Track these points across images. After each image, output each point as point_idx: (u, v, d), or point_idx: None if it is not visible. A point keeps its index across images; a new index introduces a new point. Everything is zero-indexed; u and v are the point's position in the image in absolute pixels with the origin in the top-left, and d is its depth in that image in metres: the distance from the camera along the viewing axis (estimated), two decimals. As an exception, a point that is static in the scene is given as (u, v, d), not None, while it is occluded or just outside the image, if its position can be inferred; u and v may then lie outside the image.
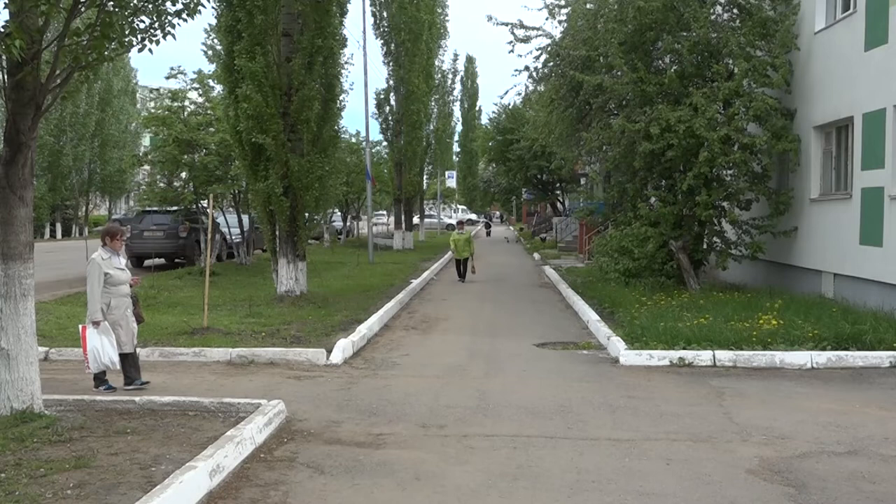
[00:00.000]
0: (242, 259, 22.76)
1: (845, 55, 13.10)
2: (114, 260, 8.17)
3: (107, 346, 7.82)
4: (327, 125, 14.93)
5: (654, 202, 15.78)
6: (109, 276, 8.00)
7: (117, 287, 8.10)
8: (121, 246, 8.38)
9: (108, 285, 7.99)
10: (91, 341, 7.79)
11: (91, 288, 7.94)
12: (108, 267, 8.04)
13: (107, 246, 8.22)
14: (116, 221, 42.41)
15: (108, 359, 7.83)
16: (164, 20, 6.52)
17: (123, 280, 8.21)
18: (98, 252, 8.15)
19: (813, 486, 5.40)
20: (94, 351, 7.77)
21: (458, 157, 70.35)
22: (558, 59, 17.29)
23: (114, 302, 8.07)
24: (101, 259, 8.02)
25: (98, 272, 7.92)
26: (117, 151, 52.13)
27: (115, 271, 8.11)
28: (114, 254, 8.22)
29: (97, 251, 8.18)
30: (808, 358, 9.44)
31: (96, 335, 7.80)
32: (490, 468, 5.76)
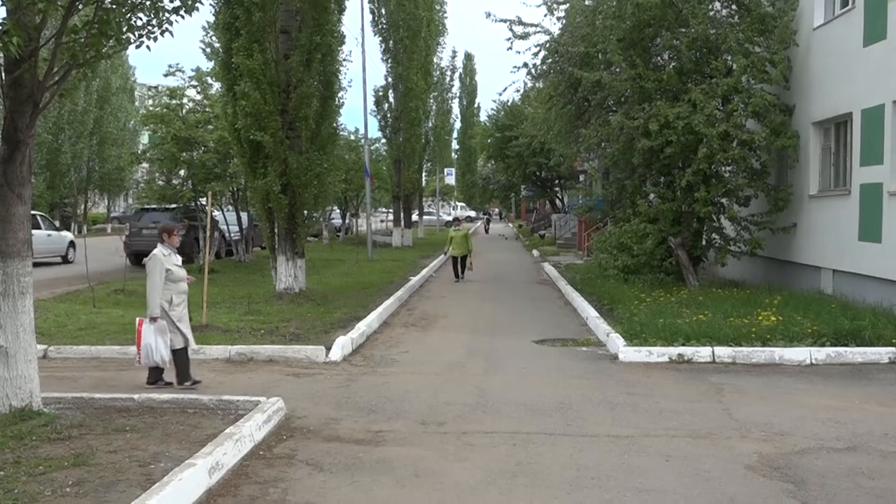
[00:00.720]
0: (241, 256, 22.76)
1: (844, 51, 13.09)
2: (172, 257, 8.18)
3: (160, 343, 7.83)
4: (326, 122, 14.93)
5: (653, 199, 15.79)
6: (171, 273, 8.03)
7: (177, 283, 8.14)
8: (178, 242, 8.38)
9: (169, 281, 8.00)
10: (146, 337, 7.80)
11: (152, 284, 7.90)
12: (169, 263, 8.05)
13: (165, 242, 8.22)
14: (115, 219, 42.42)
15: (159, 356, 7.84)
16: (161, 17, 6.50)
17: (182, 277, 8.25)
18: (158, 248, 8.14)
19: (812, 482, 5.40)
20: (148, 347, 7.78)
21: (457, 154, 70.32)
22: (557, 55, 17.26)
23: (175, 298, 8.11)
24: (162, 255, 8.01)
25: (160, 268, 7.92)
26: (116, 149, 52.03)
27: (175, 268, 8.14)
28: (172, 251, 8.23)
29: (157, 248, 8.16)
30: (808, 354, 9.45)
31: (152, 332, 7.81)
32: (489, 465, 5.77)
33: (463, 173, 70.72)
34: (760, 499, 5.12)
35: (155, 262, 7.97)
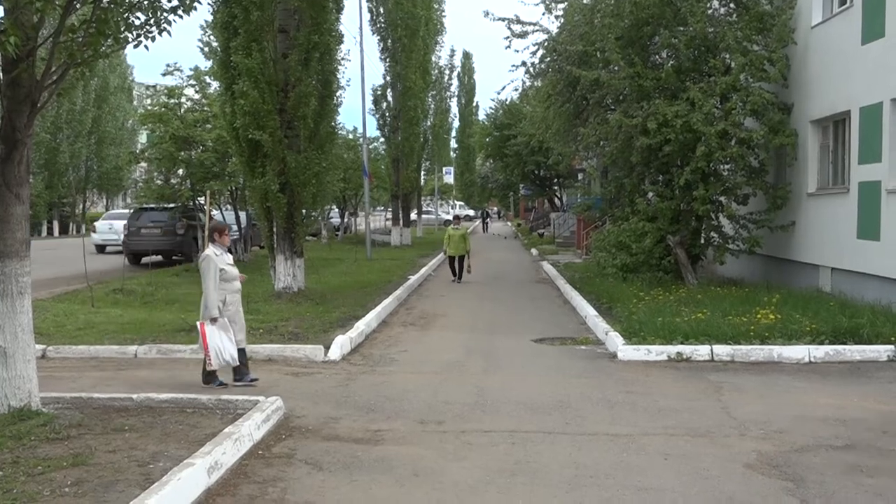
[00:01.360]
0: (240, 256, 22.72)
1: (842, 49, 13.10)
2: (224, 256, 8.12)
3: (226, 342, 7.80)
4: (324, 121, 14.91)
5: (652, 197, 15.78)
6: (224, 272, 7.97)
7: (230, 283, 8.08)
8: (228, 241, 8.33)
9: (222, 281, 7.95)
10: (212, 339, 7.75)
11: (207, 284, 7.85)
12: (222, 263, 8.00)
13: (216, 242, 8.15)
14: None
15: (228, 356, 7.82)
16: (159, 16, 6.50)
17: (235, 276, 8.18)
18: (210, 248, 8.07)
19: (811, 480, 5.41)
20: (216, 349, 7.74)
21: (456, 153, 70.30)
22: (555, 54, 17.25)
23: (229, 298, 8.05)
24: (214, 255, 7.95)
25: (214, 268, 7.86)
26: (114, 148, 52.06)
27: (228, 267, 8.09)
28: (224, 250, 8.17)
29: (209, 248, 8.09)
30: (806, 352, 9.45)
31: (216, 332, 7.77)
32: (488, 464, 5.77)
33: (461, 172, 70.68)
34: (759, 497, 5.12)
35: (209, 263, 7.90)
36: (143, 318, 11.98)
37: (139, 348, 9.92)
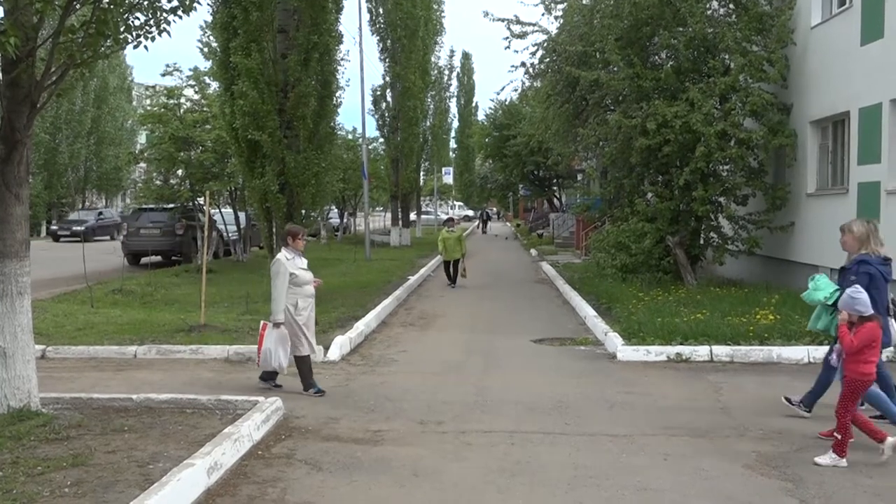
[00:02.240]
0: (239, 256, 22.75)
1: (841, 50, 13.10)
2: (297, 260, 7.98)
3: (280, 352, 7.68)
4: (323, 122, 14.91)
5: (651, 198, 15.79)
6: (295, 277, 7.81)
7: (303, 287, 7.93)
8: (303, 245, 8.19)
9: (293, 286, 7.80)
10: (267, 341, 7.67)
11: (276, 288, 7.72)
12: (294, 267, 7.85)
13: (289, 246, 8.04)
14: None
15: (277, 363, 7.71)
16: (159, 17, 6.49)
17: (308, 280, 8.03)
18: (282, 252, 7.96)
19: (810, 480, 5.41)
20: (267, 352, 7.66)
21: (455, 153, 70.24)
22: (554, 54, 17.26)
23: (301, 303, 7.91)
24: (285, 259, 7.83)
25: (284, 272, 7.72)
26: (113, 149, 52.00)
27: (301, 271, 7.92)
28: (297, 254, 8.04)
29: (281, 251, 8.00)
30: (805, 353, 9.45)
31: (274, 337, 7.67)
32: (488, 464, 5.77)
33: (461, 172, 70.62)
34: (759, 497, 5.13)
35: (279, 266, 7.77)
36: (142, 318, 11.98)
37: (138, 349, 9.92)
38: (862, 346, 5.65)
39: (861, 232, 6.51)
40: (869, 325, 5.68)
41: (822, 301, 6.64)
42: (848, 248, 6.67)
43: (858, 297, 5.70)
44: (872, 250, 6.45)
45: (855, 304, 5.69)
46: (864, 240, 6.49)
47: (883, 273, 6.32)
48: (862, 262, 6.42)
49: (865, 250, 6.46)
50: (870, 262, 6.38)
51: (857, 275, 6.33)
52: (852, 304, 5.71)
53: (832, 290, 6.58)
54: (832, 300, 6.49)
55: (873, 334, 5.69)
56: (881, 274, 6.28)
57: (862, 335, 5.65)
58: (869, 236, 6.49)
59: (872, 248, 6.45)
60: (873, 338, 5.69)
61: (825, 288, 6.65)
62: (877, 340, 5.73)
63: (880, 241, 6.53)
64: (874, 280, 6.18)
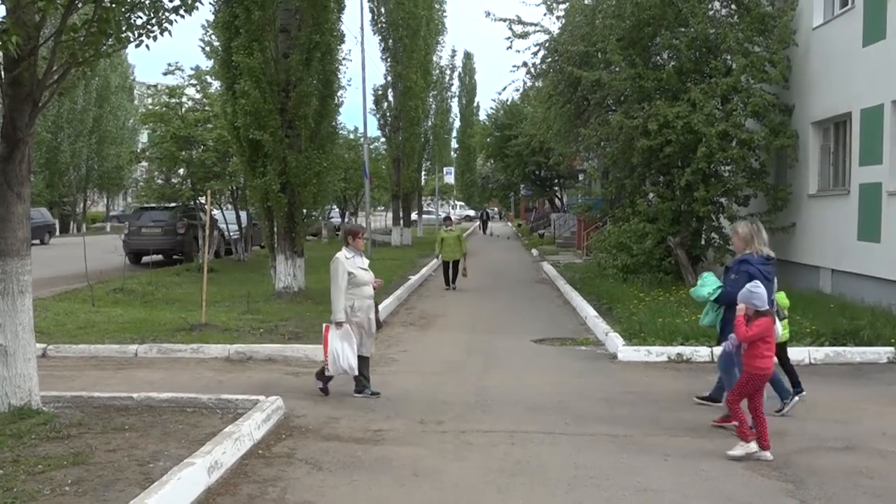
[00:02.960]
0: (240, 255, 22.75)
1: (843, 51, 13.10)
2: (357, 259, 7.81)
3: (347, 350, 7.53)
4: (325, 121, 14.91)
5: (653, 198, 15.80)
6: (353, 276, 7.65)
7: (361, 288, 7.75)
8: (363, 245, 8.04)
9: (352, 286, 7.65)
10: (332, 343, 7.53)
11: (335, 288, 7.58)
12: (352, 266, 7.68)
13: (349, 245, 7.88)
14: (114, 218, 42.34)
15: (346, 364, 7.54)
16: (161, 16, 6.50)
17: (367, 280, 7.84)
18: (342, 251, 7.81)
19: (811, 481, 5.41)
20: (334, 354, 7.51)
21: (457, 153, 70.22)
22: (556, 54, 17.27)
23: (357, 303, 7.72)
24: (344, 258, 7.67)
25: (342, 271, 7.57)
26: (115, 148, 52.02)
27: (359, 271, 7.75)
28: (357, 253, 7.86)
29: (341, 250, 7.84)
30: (806, 353, 9.45)
31: (338, 338, 7.53)
32: (488, 464, 5.77)
33: (462, 172, 70.63)
34: (759, 498, 5.12)
35: (337, 266, 7.61)
36: (143, 317, 11.99)
37: (139, 347, 9.92)
38: (756, 338, 5.85)
39: (745, 233, 6.81)
40: (763, 320, 5.89)
41: (706, 297, 6.95)
42: (735, 248, 6.99)
43: (756, 292, 5.92)
44: (756, 250, 6.72)
45: (752, 297, 5.91)
46: (749, 240, 6.78)
47: (763, 272, 6.56)
48: (743, 261, 6.72)
49: (750, 250, 6.74)
50: (750, 261, 6.65)
51: (737, 273, 6.65)
52: (750, 298, 5.92)
53: (715, 287, 6.90)
54: (714, 296, 6.86)
55: (767, 328, 5.91)
56: (761, 273, 6.53)
57: (756, 328, 5.86)
58: (753, 237, 6.78)
59: (756, 248, 6.73)
60: (767, 331, 5.91)
61: (710, 285, 6.96)
62: (771, 335, 5.96)
63: (764, 241, 6.81)
64: (753, 279, 6.40)
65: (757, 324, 5.87)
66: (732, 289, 6.44)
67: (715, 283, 6.95)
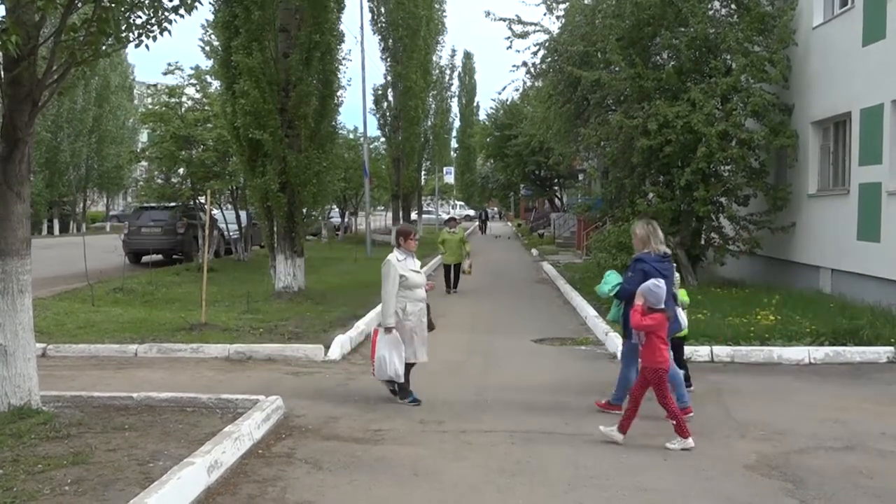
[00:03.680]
0: (240, 255, 22.75)
1: (843, 51, 13.10)
2: (409, 261, 7.63)
3: (394, 357, 7.30)
4: (325, 121, 14.90)
5: (652, 198, 15.78)
6: (405, 279, 7.46)
7: (413, 291, 7.54)
8: (415, 247, 7.80)
9: (403, 289, 7.46)
10: (379, 348, 7.35)
11: (385, 291, 7.39)
12: (404, 269, 7.48)
13: (401, 247, 7.69)
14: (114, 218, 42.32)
15: (393, 370, 7.35)
16: (161, 16, 6.49)
17: (419, 283, 7.64)
18: (393, 253, 7.62)
19: (810, 481, 5.41)
20: (381, 359, 7.32)
21: (456, 152, 70.24)
22: (556, 54, 17.27)
23: (410, 307, 7.52)
24: (396, 260, 7.48)
25: (394, 274, 7.38)
26: (115, 147, 52.02)
27: (412, 274, 7.56)
28: (409, 255, 7.67)
29: (392, 252, 7.68)
30: (806, 353, 9.45)
31: (386, 343, 7.33)
32: (488, 464, 5.77)
33: (462, 172, 70.67)
34: (759, 498, 5.12)
35: (388, 268, 7.44)
36: (143, 317, 11.99)
37: (139, 347, 9.92)
38: (649, 329, 6.14)
39: (643, 234, 7.13)
40: (658, 315, 6.20)
41: (608, 294, 7.29)
42: (634, 247, 7.31)
43: (656, 291, 6.21)
44: (653, 249, 7.04)
45: (651, 294, 6.19)
46: (646, 240, 7.09)
47: (658, 269, 6.84)
48: (638, 259, 7.06)
49: (647, 249, 7.06)
50: (644, 259, 6.98)
51: (633, 271, 6.98)
52: (649, 293, 6.20)
53: (614, 284, 7.22)
54: (613, 292, 7.20)
55: (661, 323, 6.21)
56: (655, 269, 6.81)
57: (650, 320, 6.16)
58: (649, 237, 7.10)
59: (653, 247, 7.05)
60: (661, 327, 6.20)
61: (611, 282, 7.29)
62: (664, 330, 6.23)
63: (660, 240, 7.15)
64: (648, 276, 6.67)
65: (652, 317, 6.16)
66: (628, 285, 6.81)
67: (615, 281, 7.25)
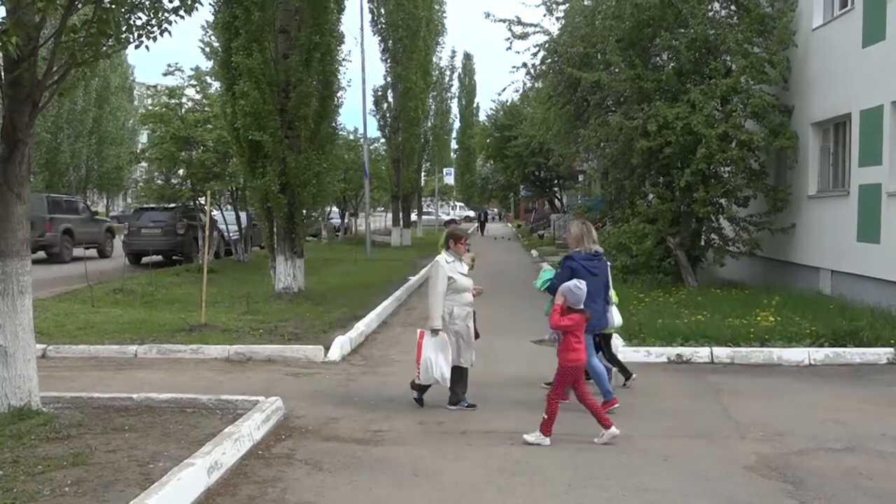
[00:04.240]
0: (240, 256, 22.75)
1: (843, 52, 13.11)
2: (457, 264, 7.51)
3: (441, 359, 7.16)
4: (325, 122, 14.90)
5: (652, 199, 15.79)
6: (453, 282, 7.34)
7: (460, 294, 7.44)
8: (465, 250, 7.70)
9: (451, 292, 7.34)
10: (425, 351, 7.22)
11: (433, 293, 7.30)
12: (452, 271, 7.36)
13: (450, 249, 7.57)
14: (114, 219, 42.37)
15: (439, 373, 7.21)
16: (161, 17, 6.50)
17: (467, 286, 7.53)
18: (442, 255, 7.52)
19: (810, 482, 5.41)
20: (427, 362, 7.18)
21: (456, 153, 70.31)
22: (556, 55, 17.29)
23: (457, 310, 7.40)
24: (445, 262, 7.38)
25: (442, 276, 7.26)
26: (115, 148, 52.00)
27: (460, 276, 7.44)
28: (457, 258, 7.57)
29: (441, 254, 7.61)
30: (806, 354, 9.45)
31: (432, 346, 7.20)
32: (488, 464, 5.77)
33: (462, 173, 70.72)
34: (759, 499, 5.13)
35: (437, 270, 7.33)
36: (143, 317, 11.98)
37: (139, 348, 9.92)
38: (566, 329, 6.29)
39: (577, 233, 7.49)
40: (577, 315, 6.35)
41: (539, 288, 7.64)
42: (569, 245, 7.68)
43: (577, 293, 6.36)
44: (585, 247, 7.40)
45: (571, 294, 6.35)
46: (580, 239, 7.44)
47: (586, 267, 7.24)
48: (567, 258, 7.39)
49: (580, 248, 7.41)
50: (574, 258, 7.33)
51: (562, 269, 7.29)
52: (569, 294, 6.36)
53: (545, 280, 7.54)
54: (543, 287, 7.51)
55: (579, 324, 6.36)
56: (584, 268, 7.20)
57: (569, 320, 6.31)
58: (583, 236, 7.46)
59: (585, 246, 7.41)
60: (578, 327, 6.36)
61: (543, 278, 7.62)
62: (581, 330, 6.40)
63: (593, 240, 7.54)
64: (576, 273, 7.01)
65: (570, 317, 6.31)
66: (557, 281, 7.03)
67: (547, 276, 7.56)
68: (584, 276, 6.92)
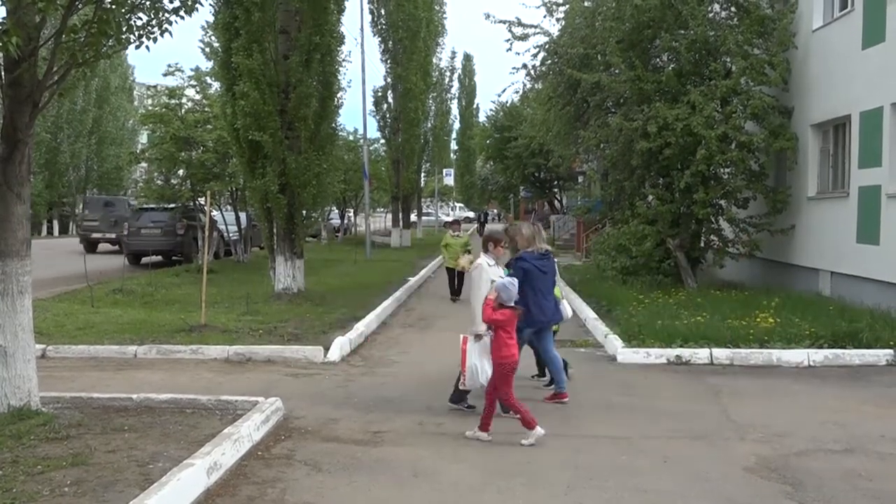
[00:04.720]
0: (240, 256, 22.75)
1: (843, 53, 13.11)
2: (496, 267, 7.38)
3: (486, 364, 7.00)
4: (325, 122, 14.91)
5: (652, 200, 15.79)
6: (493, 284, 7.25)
7: None
8: (502, 252, 7.57)
9: None
10: (471, 357, 7.06)
11: (476, 297, 7.09)
12: (494, 275, 7.19)
13: (489, 252, 7.50)
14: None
15: (485, 379, 7.01)
16: (161, 17, 6.50)
17: None
18: (483, 258, 7.43)
19: (810, 483, 5.41)
20: (473, 368, 7.01)
21: (456, 154, 70.31)
22: (556, 56, 17.28)
23: None
24: (487, 265, 7.23)
25: (486, 279, 7.09)
26: (114, 148, 52.00)
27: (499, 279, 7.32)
28: (497, 260, 7.45)
29: (481, 257, 7.45)
30: (805, 356, 9.45)
31: (477, 351, 7.05)
32: (487, 465, 5.77)
33: (462, 174, 70.70)
34: (758, 500, 5.13)
35: (480, 273, 7.15)
36: (142, 318, 11.98)
37: (139, 348, 9.92)
38: (498, 324, 6.42)
39: (528, 234, 7.71)
40: (508, 311, 6.47)
41: None
42: (520, 246, 7.77)
43: (509, 289, 6.48)
44: (536, 248, 7.63)
45: (503, 291, 6.48)
46: (531, 239, 7.66)
47: (538, 266, 7.50)
48: (519, 258, 7.57)
49: (531, 248, 7.61)
50: (525, 258, 7.53)
51: (514, 269, 7.44)
52: (502, 290, 6.49)
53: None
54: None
55: (511, 319, 6.49)
56: (535, 267, 7.47)
57: (501, 315, 6.43)
58: (534, 236, 7.70)
59: (536, 246, 7.64)
60: (510, 322, 6.49)
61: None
62: (512, 326, 6.51)
63: (543, 240, 7.83)
64: (528, 273, 7.30)
65: (502, 312, 6.44)
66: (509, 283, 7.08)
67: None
68: (536, 275, 7.36)
